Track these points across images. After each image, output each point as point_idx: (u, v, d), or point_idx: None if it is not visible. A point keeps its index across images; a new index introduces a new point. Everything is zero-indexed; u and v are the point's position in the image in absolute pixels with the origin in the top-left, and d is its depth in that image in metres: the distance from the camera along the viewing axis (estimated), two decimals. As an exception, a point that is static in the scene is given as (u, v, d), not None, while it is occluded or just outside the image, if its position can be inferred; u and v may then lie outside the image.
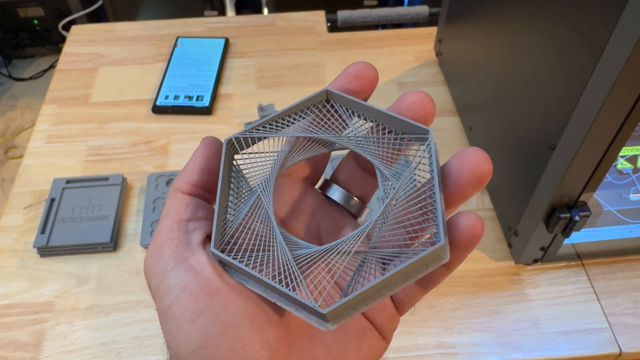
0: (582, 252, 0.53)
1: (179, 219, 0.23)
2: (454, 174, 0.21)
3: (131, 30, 0.84)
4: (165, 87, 0.72)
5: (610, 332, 0.50)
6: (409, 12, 0.87)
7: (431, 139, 0.22)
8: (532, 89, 0.46)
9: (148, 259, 0.22)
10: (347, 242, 0.21)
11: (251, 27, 0.84)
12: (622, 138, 0.38)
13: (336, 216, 0.27)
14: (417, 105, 0.23)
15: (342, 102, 0.25)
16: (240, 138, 0.24)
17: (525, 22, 0.47)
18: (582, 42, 0.37)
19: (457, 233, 0.21)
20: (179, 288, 0.21)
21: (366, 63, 0.24)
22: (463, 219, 0.21)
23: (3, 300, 0.53)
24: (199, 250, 0.22)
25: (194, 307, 0.20)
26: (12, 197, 0.61)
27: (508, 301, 0.52)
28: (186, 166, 0.24)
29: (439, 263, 0.20)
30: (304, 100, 0.25)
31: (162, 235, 0.23)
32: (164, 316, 0.21)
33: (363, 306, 0.20)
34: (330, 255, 0.21)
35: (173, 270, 0.21)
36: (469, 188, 0.21)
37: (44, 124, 0.69)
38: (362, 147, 0.24)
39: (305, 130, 0.25)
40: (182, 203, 0.23)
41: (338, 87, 0.25)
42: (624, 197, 0.47)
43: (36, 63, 1.86)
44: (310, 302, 0.19)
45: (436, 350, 0.49)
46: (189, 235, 0.23)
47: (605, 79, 0.35)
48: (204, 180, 0.24)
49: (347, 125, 0.25)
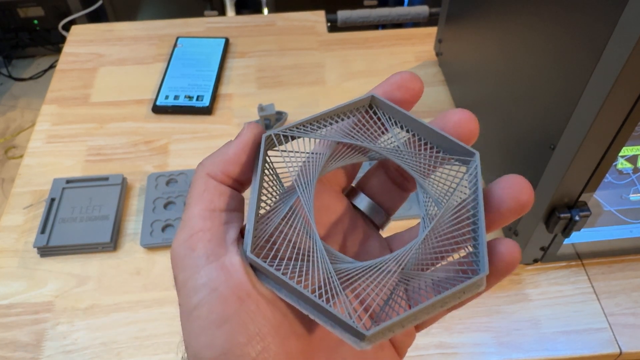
0: (582, 252, 0.53)
1: (212, 208, 0.21)
2: (495, 200, 0.21)
3: (131, 30, 0.84)
4: (165, 87, 0.72)
5: (610, 332, 0.50)
6: (409, 12, 0.87)
7: (477, 163, 0.22)
8: (532, 89, 0.46)
9: (177, 249, 0.21)
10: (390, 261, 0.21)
11: (251, 27, 0.84)
12: (622, 138, 0.38)
13: (361, 226, 0.26)
14: (462, 124, 0.23)
15: (386, 109, 0.24)
16: (280, 135, 0.23)
17: (525, 22, 0.47)
18: (582, 42, 0.37)
19: (496, 260, 0.20)
20: (209, 288, 0.20)
21: (412, 74, 0.23)
22: (502, 246, 0.20)
23: (3, 300, 0.53)
24: (232, 248, 0.21)
25: (223, 311, 0.19)
26: (12, 197, 0.61)
27: (508, 301, 0.52)
28: (224, 152, 0.22)
29: (475, 291, 0.20)
30: (349, 103, 0.24)
31: (194, 223, 0.21)
32: (189, 314, 0.20)
33: (399, 328, 0.19)
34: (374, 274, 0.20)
35: (205, 267, 0.20)
36: (509, 215, 0.21)
37: (44, 124, 0.69)
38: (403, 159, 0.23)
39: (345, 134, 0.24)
40: (216, 190, 0.22)
41: (381, 94, 0.24)
42: (624, 197, 0.47)
43: (36, 63, 1.86)
44: (351, 322, 0.19)
45: (436, 350, 0.49)
46: (222, 229, 0.21)
47: (605, 79, 0.35)
48: (243, 175, 0.22)
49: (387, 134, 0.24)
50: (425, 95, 0.72)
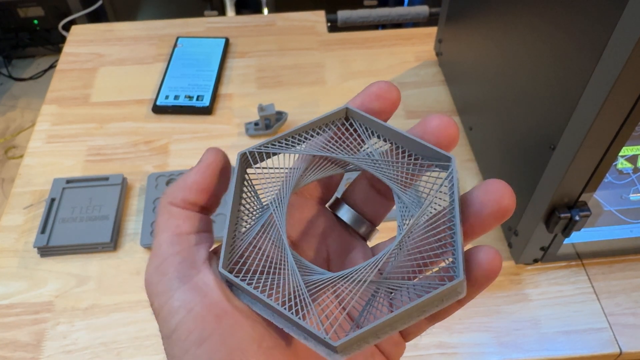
0: (582, 252, 0.53)
1: (180, 232, 0.22)
2: (476, 206, 0.21)
3: (131, 30, 0.84)
4: (166, 87, 0.72)
5: (610, 332, 0.50)
6: (409, 12, 0.87)
7: (454, 168, 0.21)
8: (532, 89, 0.46)
9: (150, 277, 0.21)
10: (362, 270, 0.20)
11: (251, 27, 0.84)
12: (622, 138, 0.38)
13: (345, 238, 0.26)
14: (441, 130, 0.22)
15: (362, 121, 0.24)
16: (254, 152, 0.23)
17: (525, 22, 0.47)
18: (582, 43, 0.37)
19: (475, 267, 0.20)
20: (185, 310, 0.20)
21: (389, 83, 0.23)
22: (482, 253, 0.20)
23: (3, 300, 0.53)
24: (204, 268, 0.21)
25: (201, 330, 0.19)
26: (12, 197, 0.61)
27: (508, 301, 0.52)
28: (183, 180, 0.23)
29: (455, 298, 0.19)
30: (323, 117, 0.24)
31: (163, 250, 0.21)
32: (169, 339, 0.20)
33: (375, 339, 0.19)
34: (344, 284, 0.20)
35: (178, 290, 0.20)
36: (490, 221, 0.20)
37: (44, 124, 0.69)
38: (380, 169, 0.23)
39: (322, 147, 0.24)
40: (181, 215, 0.22)
41: (358, 105, 0.24)
42: (624, 197, 0.47)
43: (36, 63, 1.86)
44: (320, 333, 0.19)
45: (436, 350, 0.49)
46: (193, 250, 0.21)
47: (605, 79, 0.35)
48: (202, 200, 0.23)
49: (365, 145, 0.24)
50: (425, 95, 0.72)
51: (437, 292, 0.19)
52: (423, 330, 0.24)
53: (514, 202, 0.20)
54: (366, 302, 0.21)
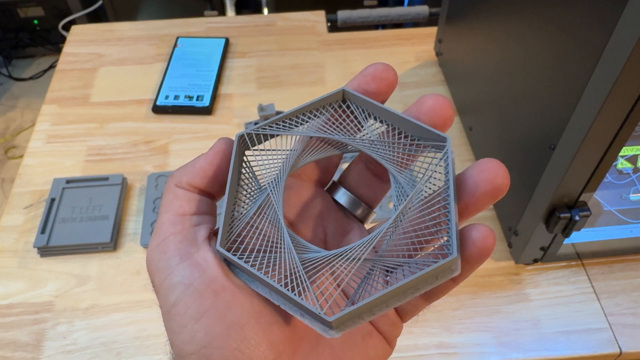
0: (582, 252, 0.53)
1: (182, 212, 0.22)
2: (470, 185, 0.21)
3: (131, 30, 0.84)
4: (165, 87, 0.72)
5: (610, 332, 0.50)
6: (409, 12, 0.87)
7: (449, 148, 0.21)
8: (532, 89, 0.46)
9: (151, 254, 0.22)
10: (357, 248, 0.21)
11: (251, 27, 0.84)
12: (622, 138, 0.38)
13: (342, 220, 0.26)
14: (436, 110, 0.23)
15: (359, 102, 0.24)
16: (252, 134, 0.24)
17: (525, 22, 0.47)
18: (582, 42, 0.37)
19: (469, 245, 0.20)
20: (184, 285, 0.20)
21: (386, 65, 0.24)
22: (475, 231, 0.20)
23: (3, 300, 0.53)
24: (204, 246, 0.21)
25: (199, 305, 0.20)
26: (12, 197, 0.61)
27: (508, 301, 0.52)
28: (191, 165, 0.23)
29: (449, 276, 0.20)
30: (320, 98, 0.24)
31: (165, 229, 0.22)
32: (168, 314, 0.20)
33: (369, 315, 0.19)
34: (338, 261, 0.21)
35: (178, 266, 0.21)
36: (485, 200, 0.21)
37: (44, 124, 0.69)
38: (376, 150, 0.23)
39: (319, 130, 0.24)
40: (184, 197, 0.22)
41: (355, 87, 0.24)
42: (624, 197, 0.47)
43: (36, 63, 1.86)
44: (315, 309, 0.19)
45: (436, 350, 0.49)
46: (194, 230, 0.22)
47: (605, 79, 0.35)
48: (209, 187, 0.23)
49: (362, 127, 0.24)
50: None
51: (431, 268, 0.19)
52: (420, 309, 0.24)
53: (508, 180, 0.21)
54: (361, 279, 0.22)
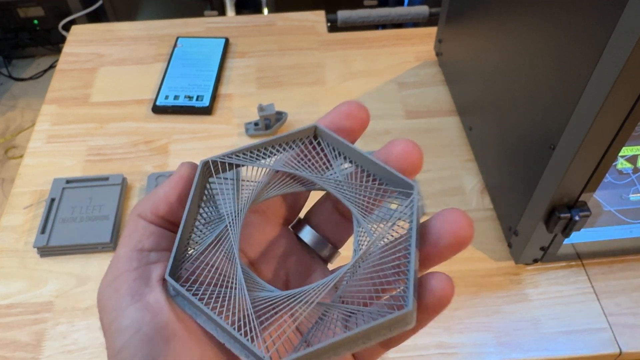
0: (582, 252, 0.53)
1: (140, 248, 0.21)
2: (433, 235, 0.20)
3: (131, 30, 0.84)
4: (165, 87, 0.72)
5: (610, 332, 0.50)
6: (409, 12, 0.87)
7: (415, 195, 0.21)
8: (532, 88, 0.46)
9: (102, 291, 0.21)
10: (312, 291, 0.20)
11: (251, 27, 0.84)
12: (622, 138, 0.38)
13: (306, 260, 0.26)
14: (406, 155, 0.22)
15: (330, 141, 0.24)
16: (217, 162, 0.23)
17: (525, 22, 0.47)
18: (582, 42, 0.37)
19: (427, 295, 0.20)
20: (133, 330, 0.19)
21: (359, 104, 0.24)
22: (434, 280, 0.20)
23: (3, 300, 0.53)
24: (157, 287, 0.20)
25: (146, 353, 0.19)
26: (12, 197, 0.61)
27: (508, 301, 0.52)
28: (154, 193, 0.22)
29: (403, 328, 0.19)
30: (291, 132, 0.23)
31: (120, 265, 0.21)
32: (114, 358, 0.19)
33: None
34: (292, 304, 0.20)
35: (128, 308, 0.20)
36: (446, 252, 0.20)
37: (44, 124, 0.69)
38: (342, 191, 0.23)
39: (287, 164, 0.24)
40: (145, 231, 0.22)
41: (328, 124, 0.24)
42: (624, 197, 0.47)
43: (36, 63, 1.86)
44: (260, 352, 0.18)
45: (436, 350, 0.49)
46: (149, 268, 0.21)
47: (605, 79, 0.35)
48: (172, 214, 0.22)
49: (331, 166, 0.24)
50: (425, 95, 0.72)
51: (385, 319, 0.18)
52: (377, 356, 0.23)
53: (472, 234, 0.20)
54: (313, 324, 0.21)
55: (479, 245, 0.56)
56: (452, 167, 0.63)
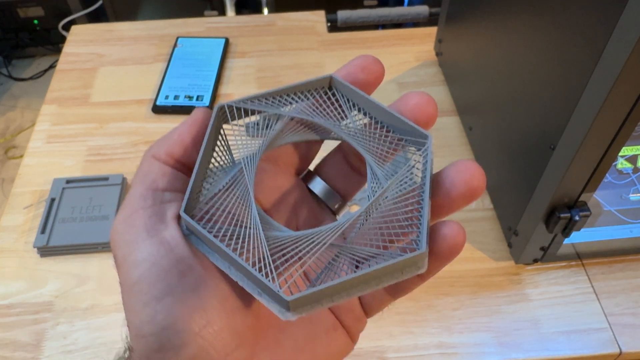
0: (582, 252, 0.53)
1: (155, 187, 0.21)
2: (446, 184, 0.21)
3: (131, 30, 0.84)
4: (165, 87, 0.72)
5: (610, 332, 0.50)
6: (409, 12, 0.87)
7: (429, 145, 0.21)
8: (532, 88, 0.46)
9: (117, 227, 0.21)
10: (324, 232, 0.20)
11: (251, 27, 0.84)
12: (622, 138, 0.38)
13: (315, 210, 0.26)
14: (420, 107, 0.23)
15: (345, 91, 0.24)
16: (233, 107, 0.23)
17: (525, 22, 0.47)
18: (582, 42, 0.37)
19: (439, 241, 0.20)
20: (149, 263, 0.19)
21: (374, 57, 0.24)
22: (445, 227, 0.20)
23: (3, 300, 0.53)
24: (173, 224, 0.20)
25: (164, 285, 0.19)
26: (12, 197, 0.61)
27: (508, 301, 0.52)
28: (169, 135, 0.22)
29: (415, 272, 0.19)
30: (307, 82, 0.24)
31: (134, 203, 0.21)
32: (129, 291, 0.19)
33: (329, 302, 0.19)
34: (304, 243, 0.20)
35: (144, 242, 0.20)
36: (459, 200, 0.21)
37: (44, 124, 0.69)
38: (357, 140, 0.23)
39: (302, 113, 0.24)
40: (159, 171, 0.22)
41: (344, 76, 0.24)
42: (624, 197, 0.47)
43: (36, 63, 1.86)
44: (274, 286, 0.18)
45: (436, 350, 0.49)
46: (164, 206, 0.21)
47: (605, 79, 0.35)
48: (186, 156, 0.22)
49: (346, 116, 0.24)
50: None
51: (397, 260, 0.18)
52: (385, 304, 0.23)
53: (484, 183, 0.21)
54: (326, 265, 0.21)
55: (479, 245, 0.56)
56: (452, 167, 0.63)
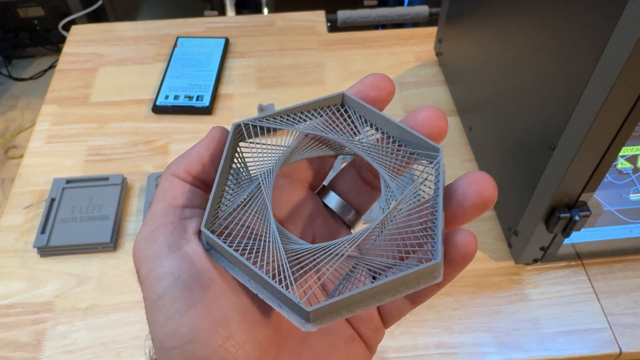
0: (582, 252, 0.53)
1: (175, 204, 0.22)
2: (459, 195, 0.21)
3: (131, 30, 0.84)
4: (165, 87, 0.72)
5: (610, 332, 0.50)
6: (409, 12, 0.87)
7: (441, 158, 0.22)
8: (532, 88, 0.46)
9: (139, 244, 0.21)
10: (341, 244, 0.21)
11: (251, 27, 0.84)
12: (622, 138, 0.38)
13: (331, 224, 0.26)
14: (431, 121, 0.23)
15: (357, 108, 0.24)
16: (249, 125, 0.24)
17: (525, 22, 0.47)
18: (582, 42, 0.37)
19: (452, 249, 0.21)
20: (172, 277, 0.20)
21: (385, 75, 0.24)
22: (458, 235, 0.21)
23: (3, 300, 0.53)
24: (194, 239, 0.21)
25: (187, 298, 0.19)
26: (12, 197, 0.61)
27: (508, 301, 0.52)
28: (188, 153, 0.23)
29: (431, 282, 0.20)
30: (320, 99, 0.24)
31: (156, 219, 0.22)
32: (153, 305, 0.20)
33: (348, 312, 0.19)
34: (322, 255, 0.21)
35: (167, 257, 0.20)
36: (472, 211, 0.21)
37: (44, 124, 0.69)
38: (370, 154, 0.24)
39: (315, 129, 0.25)
40: (179, 188, 0.22)
41: (355, 94, 0.25)
42: (624, 197, 0.47)
43: (36, 63, 1.86)
44: (295, 298, 0.19)
45: (436, 350, 0.49)
46: (185, 222, 0.22)
47: (605, 79, 0.35)
48: (205, 174, 0.23)
49: (358, 132, 0.24)
50: (425, 95, 0.72)
51: (413, 270, 0.19)
52: (404, 313, 0.24)
53: (496, 194, 0.21)
54: (343, 276, 0.22)
55: (479, 245, 0.56)
56: (452, 167, 0.63)
